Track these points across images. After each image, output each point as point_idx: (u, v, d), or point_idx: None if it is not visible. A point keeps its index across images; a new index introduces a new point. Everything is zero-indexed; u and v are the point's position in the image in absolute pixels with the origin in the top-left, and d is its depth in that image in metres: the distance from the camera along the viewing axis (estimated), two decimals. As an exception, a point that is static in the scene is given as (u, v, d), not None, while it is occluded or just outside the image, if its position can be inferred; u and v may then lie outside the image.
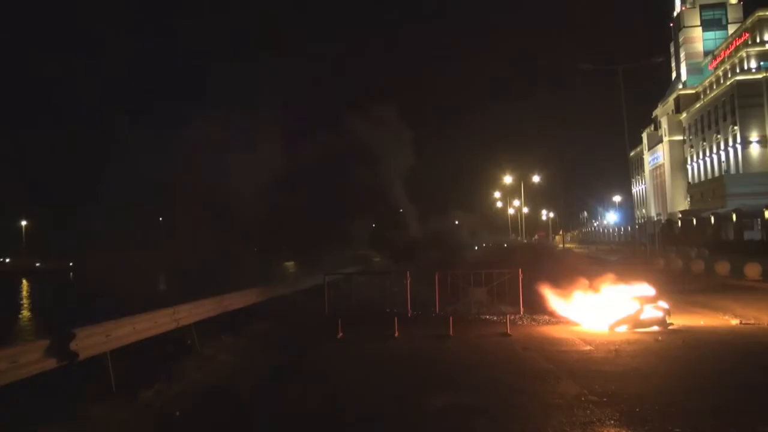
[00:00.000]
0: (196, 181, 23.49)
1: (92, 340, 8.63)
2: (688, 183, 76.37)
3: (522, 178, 67.21)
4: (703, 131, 73.06)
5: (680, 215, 63.45)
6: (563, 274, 15.39)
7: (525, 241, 60.98)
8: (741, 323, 13.63)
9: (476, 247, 25.46)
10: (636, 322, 12.88)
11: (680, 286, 20.15)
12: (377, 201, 24.53)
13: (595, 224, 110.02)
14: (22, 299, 44.34)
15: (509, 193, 75.57)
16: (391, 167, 25.25)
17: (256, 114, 25.16)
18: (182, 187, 23.77)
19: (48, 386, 9.03)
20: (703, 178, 72.14)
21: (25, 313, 34.44)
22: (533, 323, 14.14)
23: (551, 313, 14.76)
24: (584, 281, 14.79)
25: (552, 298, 14.88)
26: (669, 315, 13.30)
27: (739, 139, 63.48)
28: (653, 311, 13.17)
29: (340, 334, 13.29)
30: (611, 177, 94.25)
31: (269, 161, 24.01)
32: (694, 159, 75.59)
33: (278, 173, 23.87)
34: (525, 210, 71.53)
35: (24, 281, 63.99)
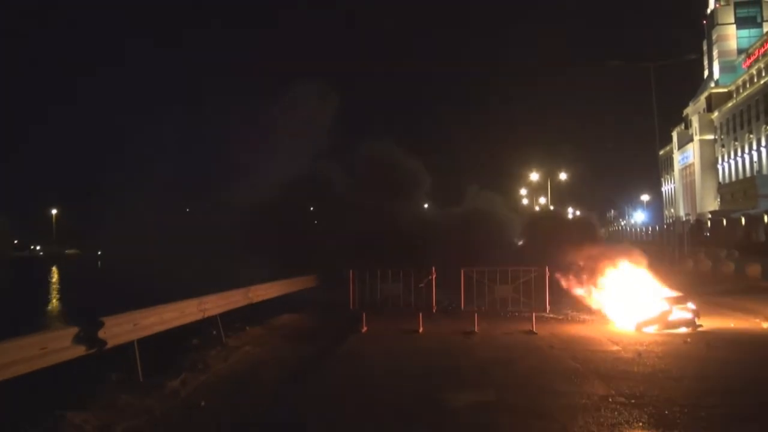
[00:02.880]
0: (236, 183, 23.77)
1: (120, 329, 8.72)
2: (719, 183, 75.07)
3: (549, 175, 66.65)
4: (734, 130, 71.71)
5: (710, 215, 62.34)
6: (588, 272, 15.21)
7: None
8: (772, 326, 13.35)
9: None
10: (664, 323, 12.67)
11: (709, 288, 19.81)
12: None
13: (623, 223, 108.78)
14: (51, 286, 45.10)
15: (535, 191, 74.98)
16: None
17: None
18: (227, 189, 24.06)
19: (76, 373, 9.17)
20: (734, 178, 70.86)
21: (55, 299, 35.03)
22: (559, 321, 13.99)
23: (578, 311, 14.61)
24: (610, 280, 14.62)
25: (578, 296, 14.74)
26: (698, 316, 13.06)
27: (772, 139, 62.21)
28: (682, 312, 12.94)
29: (365, 328, 13.29)
30: (640, 176, 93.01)
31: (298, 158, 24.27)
32: (725, 159, 74.25)
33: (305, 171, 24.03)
34: (551, 208, 70.93)
35: (54, 268, 65.09)
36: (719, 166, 76.06)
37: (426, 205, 27.76)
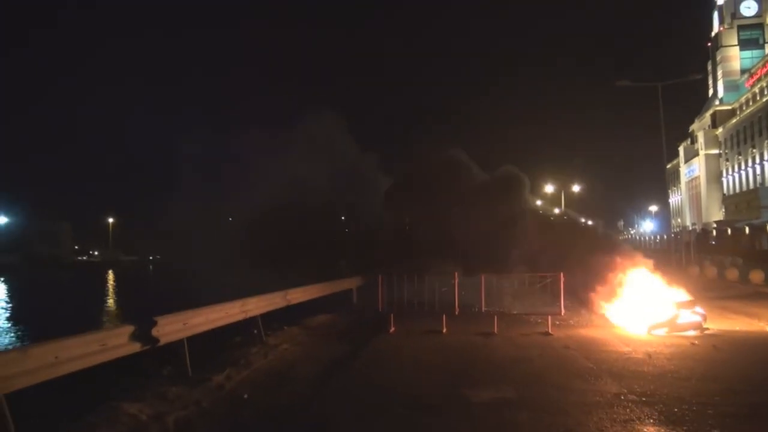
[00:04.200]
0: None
1: (171, 328, 8.82)
2: (723, 195, 73.76)
3: (562, 187, 65.99)
4: (738, 145, 70.50)
5: (715, 225, 61.14)
6: (601, 278, 15.04)
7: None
8: (776, 330, 13.05)
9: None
10: (673, 326, 12.44)
11: (715, 293, 19.44)
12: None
13: (632, 232, 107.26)
14: (108, 288, 45.84)
15: (549, 202, 74.35)
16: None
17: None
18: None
19: (131, 368, 9.31)
20: (737, 190, 69.60)
21: (111, 300, 35.59)
22: (573, 324, 13.80)
23: (591, 315, 14.44)
24: (622, 286, 14.44)
25: (591, 301, 14.57)
26: (705, 320, 12.83)
27: (774, 154, 61.01)
28: (690, 316, 12.71)
29: (392, 329, 13.27)
30: (648, 187, 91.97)
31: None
32: (729, 172, 72.98)
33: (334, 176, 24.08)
34: (564, 218, 70.09)
35: (110, 272, 66.13)
36: (724, 179, 74.83)
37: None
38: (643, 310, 12.98)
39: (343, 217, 26.01)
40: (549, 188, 66.87)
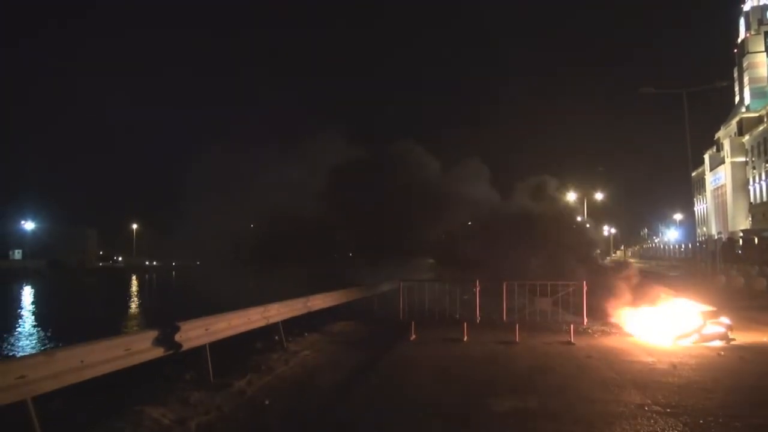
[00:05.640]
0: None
1: (194, 333, 8.90)
2: (750, 203, 72.57)
3: (585, 195, 65.39)
4: (765, 153, 69.30)
5: (741, 234, 60.16)
6: (625, 288, 14.87)
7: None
8: (805, 341, 12.78)
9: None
10: (698, 337, 12.25)
11: (742, 303, 19.10)
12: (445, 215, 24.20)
13: (656, 240, 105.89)
14: (132, 293, 46.37)
15: (573, 210, 73.73)
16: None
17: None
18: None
19: (154, 372, 9.41)
20: (765, 198, 68.40)
21: (134, 305, 35.99)
22: (596, 334, 13.66)
23: (614, 325, 14.26)
24: (646, 295, 14.27)
25: (615, 310, 14.40)
26: (731, 331, 12.60)
27: (802, 162, 59.97)
28: (715, 327, 12.51)
29: (413, 336, 13.24)
30: (673, 195, 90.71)
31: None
32: (756, 180, 71.78)
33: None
34: (587, 226, 69.48)
35: (134, 277, 66.88)
36: (750, 187, 73.62)
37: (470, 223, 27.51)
38: (668, 320, 12.80)
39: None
40: (571, 196, 66.50)
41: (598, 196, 64.64)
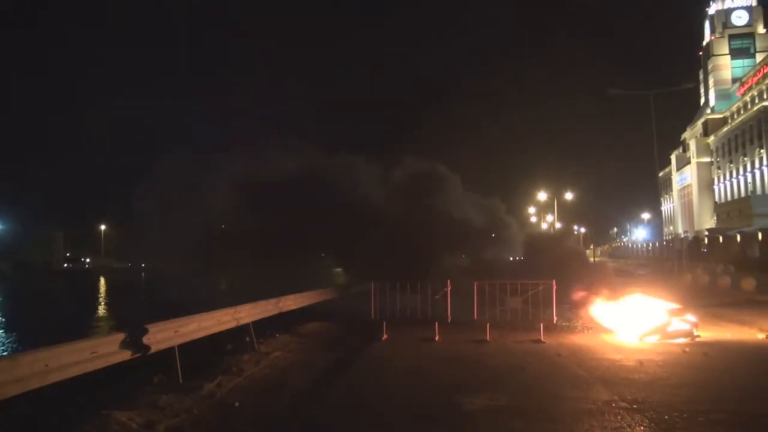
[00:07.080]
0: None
1: (163, 335, 8.80)
2: (715, 203, 74.23)
3: (555, 195, 66.20)
4: (730, 154, 71.06)
5: (707, 233, 61.47)
6: (594, 287, 15.11)
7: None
8: (767, 337, 13.11)
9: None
10: (664, 334, 12.50)
11: (707, 300, 19.52)
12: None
13: (625, 240, 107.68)
14: (99, 295, 45.58)
15: (543, 209, 74.48)
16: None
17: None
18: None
19: (122, 376, 9.26)
20: (729, 198, 70.06)
21: (102, 308, 35.37)
22: (566, 332, 13.84)
23: (583, 323, 14.48)
24: (614, 293, 14.50)
25: (584, 308, 14.62)
26: (696, 327, 12.89)
27: (765, 162, 61.55)
28: (681, 323, 12.77)
29: (385, 336, 13.27)
30: (641, 195, 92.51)
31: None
32: (721, 180, 73.52)
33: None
34: (558, 225, 70.36)
35: (102, 279, 65.77)
36: (715, 187, 75.37)
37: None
38: (635, 317, 13.03)
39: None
40: (542, 196, 67.25)
41: (568, 196, 65.43)
